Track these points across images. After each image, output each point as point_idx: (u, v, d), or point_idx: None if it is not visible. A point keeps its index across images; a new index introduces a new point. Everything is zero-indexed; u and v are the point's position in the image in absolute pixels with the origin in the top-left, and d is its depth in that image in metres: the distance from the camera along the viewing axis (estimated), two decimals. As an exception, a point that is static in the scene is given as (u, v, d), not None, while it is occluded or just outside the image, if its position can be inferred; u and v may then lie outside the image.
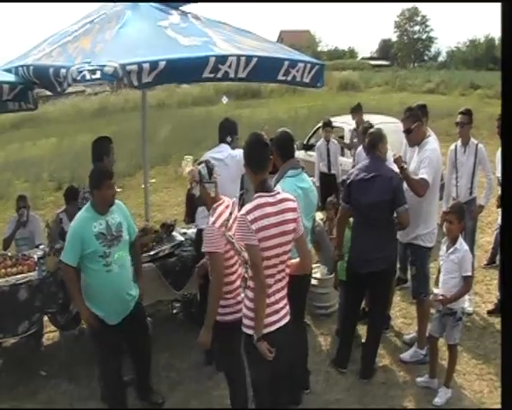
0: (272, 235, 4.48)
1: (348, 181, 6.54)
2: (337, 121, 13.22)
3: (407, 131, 6.85)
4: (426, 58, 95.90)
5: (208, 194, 5.19)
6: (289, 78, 6.80)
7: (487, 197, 8.27)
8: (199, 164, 5.31)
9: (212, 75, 6.04)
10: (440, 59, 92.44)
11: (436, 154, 6.67)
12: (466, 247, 6.11)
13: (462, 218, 6.10)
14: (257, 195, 4.61)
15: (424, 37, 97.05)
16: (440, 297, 6.01)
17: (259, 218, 4.44)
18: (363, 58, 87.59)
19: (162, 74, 5.60)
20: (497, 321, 7.80)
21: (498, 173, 7.98)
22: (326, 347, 7.43)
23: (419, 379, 6.55)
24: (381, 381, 6.66)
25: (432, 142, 6.80)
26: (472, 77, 44.46)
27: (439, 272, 6.34)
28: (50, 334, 7.78)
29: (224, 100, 8.07)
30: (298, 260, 4.87)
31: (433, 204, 6.82)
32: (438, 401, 6.17)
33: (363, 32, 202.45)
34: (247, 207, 4.52)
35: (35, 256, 7.14)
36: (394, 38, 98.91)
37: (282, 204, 4.61)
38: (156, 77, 5.58)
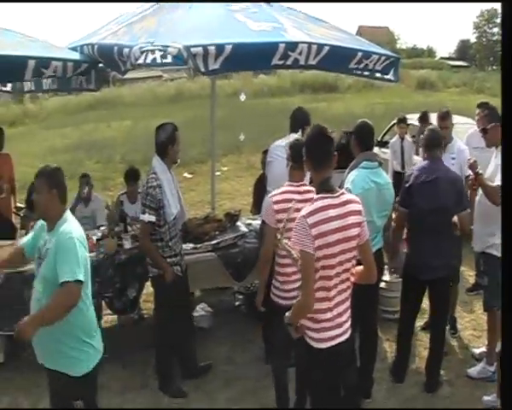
0: (335, 241, 4.08)
1: (408, 184, 6.10)
2: (413, 119, 12.80)
3: (483, 131, 6.52)
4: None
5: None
6: (361, 66, 6.61)
7: None
8: None
9: (281, 62, 5.87)
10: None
11: None
12: None
13: None
14: (319, 196, 4.19)
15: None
16: None
17: (321, 222, 4.03)
18: (441, 58, 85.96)
19: (230, 60, 5.43)
20: None
21: None
22: (391, 354, 7.07)
23: (485, 398, 6.13)
24: (445, 395, 6.32)
25: None
26: None
27: None
28: (109, 317, 7.70)
29: (242, 97, 7.96)
30: (362, 268, 4.47)
31: None
32: (505, 422, 5.80)
33: (441, 31, 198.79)
34: (309, 208, 4.11)
35: (94, 237, 7.04)
36: (473, 39, 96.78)
37: (346, 206, 4.19)
38: (224, 63, 5.41)
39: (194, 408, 6.09)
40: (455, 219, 6.11)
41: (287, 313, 4.30)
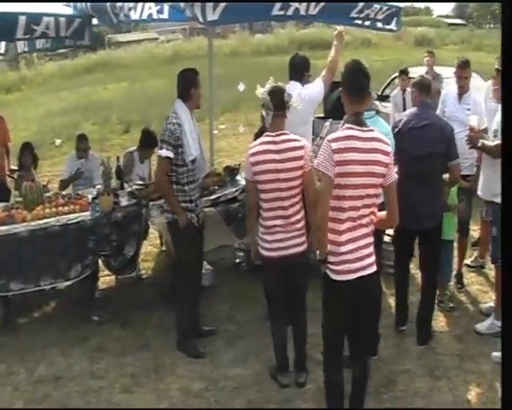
0: (357, 173, 4.12)
1: (397, 129, 5.96)
2: (414, 72, 12.55)
3: (497, 70, 6.57)
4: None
5: (267, 119, 5.13)
6: (362, 15, 6.52)
7: None
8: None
9: (281, 12, 5.71)
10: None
11: None
12: None
13: None
14: (347, 125, 4.24)
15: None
16: None
17: (344, 150, 4.09)
18: (438, 16, 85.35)
19: (228, 10, 5.23)
20: None
21: None
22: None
23: (495, 354, 5.97)
24: (454, 352, 6.15)
25: None
26: None
27: None
28: (107, 278, 7.55)
29: (241, 87, 7.81)
30: (384, 212, 4.44)
31: None
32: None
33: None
34: (335, 134, 4.21)
35: (89, 196, 6.94)
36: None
37: (374, 143, 4.21)
38: (222, 14, 5.21)
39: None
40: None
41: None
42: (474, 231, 8.44)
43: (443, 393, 5.52)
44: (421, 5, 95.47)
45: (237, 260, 8.12)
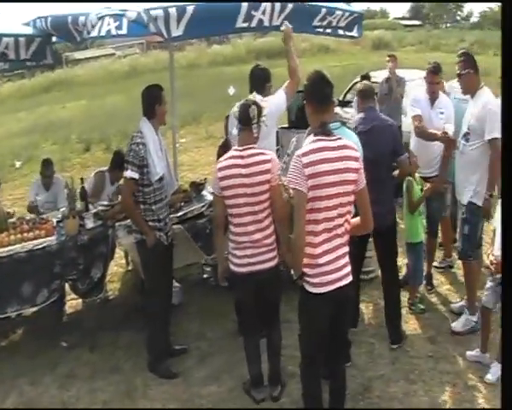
0: (331, 183, 4.10)
1: None
2: (375, 76, 12.64)
3: (457, 76, 6.56)
4: (458, 19, 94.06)
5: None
6: (325, 23, 6.50)
7: None
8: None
9: (245, 25, 5.67)
10: (473, 19, 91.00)
11: (494, 103, 6.22)
12: None
13: None
14: (316, 137, 4.22)
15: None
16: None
17: (316, 162, 4.06)
18: (394, 18, 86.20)
19: (192, 25, 5.16)
20: None
21: None
22: (368, 315, 6.97)
23: (469, 353, 6.02)
24: (428, 354, 6.16)
25: (486, 92, 6.40)
26: None
27: (494, 233, 5.81)
28: (73, 302, 7.42)
29: (231, 91, 7.81)
30: (358, 218, 4.44)
31: None
32: (490, 377, 5.64)
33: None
34: (305, 148, 4.18)
35: (54, 220, 6.80)
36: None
37: (344, 151, 4.20)
38: (187, 28, 5.15)
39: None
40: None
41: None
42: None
43: (419, 396, 5.52)
44: (377, 8, 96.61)
45: (205, 276, 8.04)
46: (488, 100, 6.30)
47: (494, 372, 5.66)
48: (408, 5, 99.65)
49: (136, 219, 5.83)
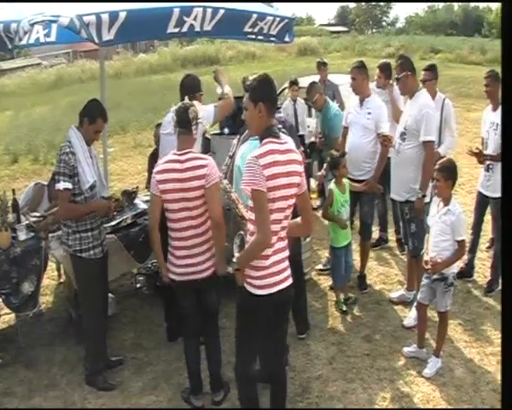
0: (281, 185, 4.12)
1: None
2: (303, 82, 12.72)
3: (396, 80, 6.84)
4: (384, 24, 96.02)
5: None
6: (256, 29, 6.45)
7: (445, 150, 7.76)
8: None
9: (177, 30, 5.56)
10: (398, 25, 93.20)
11: (431, 106, 6.60)
12: (460, 209, 5.64)
13: (449, 177, 5.59)
14: (267, 140, 4.20)
15: (382, 3, 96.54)
16: (438, 260, 5.58)
17: (271, 164, 4.07)
18: (320, 25, 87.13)
19: (124, 29, 5.03)
20: (479, 285, 7.62)
21: (483, 134, 7.61)
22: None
23: (406, 349, 6.14)
24: (364, 352, 6.24)
25: (424, 94, 6.68)
26: (432, 41, 45.42)
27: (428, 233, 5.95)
28: (6, 317, 7.16)
29: (219, 90, 7.76)
30: (299, 219, 4.45)
31: None
32: (428, 372, 5.78)
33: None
34: (259, 150, 4.13)
35: (-16, 233, 6.53)
36: (352, 4, 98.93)
37: (290, 154, 4.24)
38: (118, 33, 5.01)
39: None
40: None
41: (234, 258, 4.28)
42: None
43: (358, 394, 5.59)
44: (303, 14, 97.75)
45: (138, 285, 7.95)
46: (425, 102, 6.53)
47: (431, 367, 5.80)
48: (334, 11, 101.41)
49: (84, 211, 5.66)
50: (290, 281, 4.41)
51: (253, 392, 4.68)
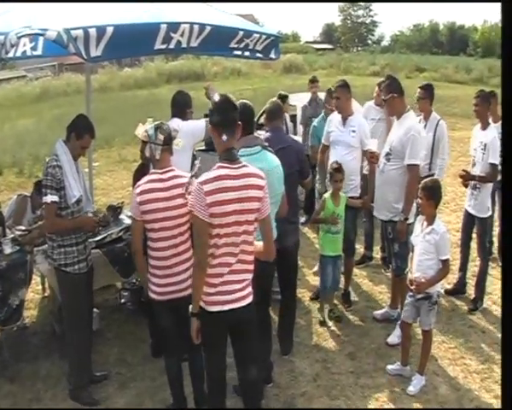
0: (231, 211, 4.09)
1: None
2: (297, 99, 12.79)
3: (383, 101, 6.97)
4: (369, 42, 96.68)
5: (153, 155, 5.03)
6: (242, 45, 6.46)
7: (441, 175, 7.81)
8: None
9: (164, 46, 5.56)
10: (384, 43, 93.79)
11: (417, 130, 6.63)
12: (444, 228, 5.70)
13: (430, 196, 5.65)
14: (218, 164, 4.17)
15: (368, 21, 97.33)
16: (422, 280, 5.63)
17: (216, 191, 4.04)
18: (306, 42, 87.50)
19: (111, 45, 5.02)
20: (463, 303, 7.65)
21: (471, 151, 7.64)
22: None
23: (390, 367, 6.16)
24: (348, 370, 6.25)
25: (411, 117, 6.74)
26: (417, 60, 45.82)
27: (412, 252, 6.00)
28: (-12, 330, 7.12)
29: (216, 98, 7.85)
30: (261, 243, 4.45)
31: None
32: (412, 389, 5.80)
33: (306, 16, 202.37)
34: (206, 176, 4.11)
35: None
36: (338, 22, 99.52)
37: (246, 179, 4.16)
38: (106, 49, 5.00)
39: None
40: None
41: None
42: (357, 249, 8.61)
43: (342, 411, 5.59)
44: (289, 32, 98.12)
45: (122, 301, 7.88)
46: (412, 125, 6.56)
47: (415, 384, 5.83)
48: (320, 29, 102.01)
49: (70, 226, 5.65)
50: (247, 301, 4.37)
51: (222, 405, 4.71)
